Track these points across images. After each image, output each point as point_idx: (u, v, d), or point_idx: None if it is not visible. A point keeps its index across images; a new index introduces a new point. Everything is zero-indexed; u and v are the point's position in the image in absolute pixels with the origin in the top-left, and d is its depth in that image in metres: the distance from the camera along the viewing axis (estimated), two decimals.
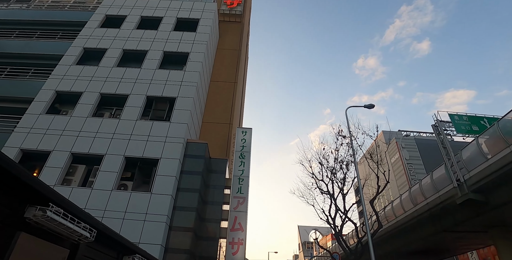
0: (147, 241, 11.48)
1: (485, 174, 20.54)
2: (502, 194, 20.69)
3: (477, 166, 21.67)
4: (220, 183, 15.02)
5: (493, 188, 20.66)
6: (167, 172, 13.08)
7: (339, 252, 22.93)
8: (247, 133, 16.61)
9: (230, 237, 13.69)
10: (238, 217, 14.17)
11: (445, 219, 24.21)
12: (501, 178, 19.49)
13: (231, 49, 21.59)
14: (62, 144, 13.77)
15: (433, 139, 65.89)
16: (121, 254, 5.03)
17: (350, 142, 13.93)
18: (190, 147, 14.37)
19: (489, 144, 22.17)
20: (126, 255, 5.11)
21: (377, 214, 14.17)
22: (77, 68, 16.54)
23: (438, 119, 24.75)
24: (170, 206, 12.52)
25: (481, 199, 21.83)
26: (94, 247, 4.02)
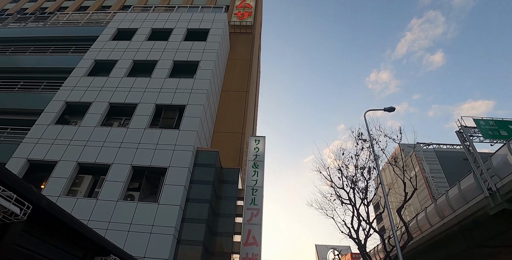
0: (153, 255, 10.43)
1: None
2: None
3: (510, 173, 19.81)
4: (232, 194, 13.94)
5: None
6: (175, 181, 12.16)
7: None
8: (260, 141, 15.62)
9: (244, 252, 12.43)
10: (252, 230, 12.95)
11: (478, 233, 22.04)
12: None
13: (242, 59, 21.04)
14: (69, 154, 13.16)
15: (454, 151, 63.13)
16: None
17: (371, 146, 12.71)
18: (200, 155, 13.48)
19: None
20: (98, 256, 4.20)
21: (406, 224, 12.69)
22: (87, 79, 16.21)
23: (462, 125, 23.10)
24: (179, 218, 11.50)
25: None
26: None
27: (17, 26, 21.10)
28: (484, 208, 20.64)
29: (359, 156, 13.71)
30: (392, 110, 14.85)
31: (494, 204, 19.93)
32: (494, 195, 20.08)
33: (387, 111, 14.80)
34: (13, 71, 17.89)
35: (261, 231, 12.98)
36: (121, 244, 10.61)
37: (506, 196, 19.80)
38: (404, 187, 12.43)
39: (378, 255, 23.15)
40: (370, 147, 12.77)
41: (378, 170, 12.06)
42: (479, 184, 21.16)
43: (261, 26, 32.67)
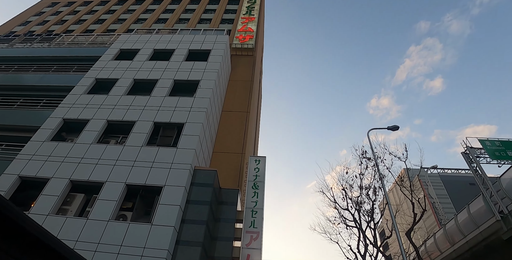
0: None
1: None
2: None
3: None
4: (231, 216, 13.15)
5: None
6: (170, 201, 11.49)
7: None
8: (261, 161, 15.03)
9: None
10: (251, 255, 12.04)
11: (491, 259, 20.68)
12: None
13: (243, 80, 20.95)
14: (62, 171, 12.63)
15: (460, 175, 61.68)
16: None
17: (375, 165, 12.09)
18: (197, 174, 12.88)
19: None
20: None
21: (416, 248, 11.77)
22: (86, 97, 16.00)
23: (468, 146, 22.44)
24: (172, 240, 10.71)
25: None
26: None
27: (22, 46, 21.33)
28: (496, 232, 19.50)
29: (363, 175, 13.06)
30: (396, 129, 14.37)
31: (507, 228, 18.83)
32: (506, 218, 19.03)
33: (391, 130, 14.30)
34: (14, 88, 17.77)
35: (261, 256, 12.06)
36: None
37: None
38: (412, 208, 11.66)
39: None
40: (375, 165, 12.16)
41: (384, 189, 11.36)
42: (490, 207, 20.15)
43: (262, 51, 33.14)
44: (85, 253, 10.08)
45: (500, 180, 20.55)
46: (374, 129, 14.71)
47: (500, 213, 19.46)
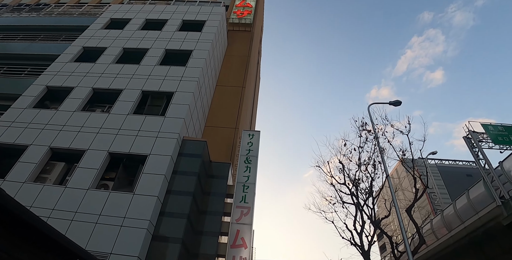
0: (121, 252, 8.78)
1: None
2: None
3: None
4: (221, 190, 12.34)
5: None
6: (155, 170, 10.64)
7: None
8: (255, 136, 14.16)
9: (230, 255, 10.70)
10: (240, 230, 11.27)
11: (489, 246, 20.05)
12: None
13: (239, 56, 19.91)
14: (42, 138, 11.75)
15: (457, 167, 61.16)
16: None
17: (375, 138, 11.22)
18: (186, 145, 12.01)
19: None
20: None
21: (417, 226, 11.01)
22: (72, 65, 15.00)
23: (470, 130, 21.54)
24: (156, 211, 9.90)
25: None
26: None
27: (10, 16, 20.19)
28: (496, 218, 18.82)
29: (362, 148, 12.19)
30: (398, 104, 13.45)
31: (507, 213, 18.13)
32: (507, 203, 18.31)
33: (392, 105, 13.38)
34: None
35: (252, 232, 11.30)
36: (85, 237, 9.01)
37: None
38: (414, 183, 10.83)
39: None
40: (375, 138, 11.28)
41: (384, 163, 10.51)
42: (490, 192, 19.41)
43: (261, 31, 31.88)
44: (60, 222, 9.30)
45: (502, 164, 19.79)
46: (374, 103, 13.81)
47: (501, 198, 18.74)
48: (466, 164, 70.62)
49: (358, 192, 11.87)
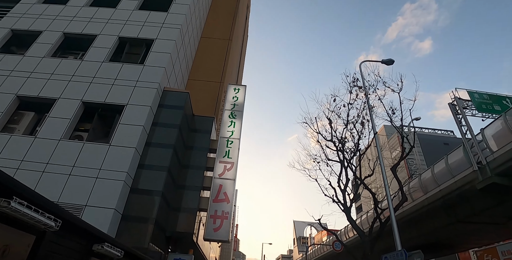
0: (96, 204, 8.29)
1: None
2: None
3: (505, 145, 18.43)
4: (203, 145, 11.82)
5: None
6: (133, 121, 9.91)
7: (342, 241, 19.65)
8: (240, 90, 13.42)
9: (212, 209, 10.45)
10: (223, 185, 10.94)
11: (461, 209, 20.85)
12: None
13: (227, 8, 18.44)
14: (8, 86, 10.67)
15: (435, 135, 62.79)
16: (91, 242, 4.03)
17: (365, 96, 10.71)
18: (167, 96, 11.21)
19: None
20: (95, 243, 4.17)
21: (401, 184, 10.98)
22: (40, 7, 13.42)
23: (456, 97, 21.39)
24: (134, 163, 9.34)
25: (507, 183, 18.52)
26: (62, 234, 3.32)
27: None
28: (471, 182, 19.34)
29: (352, 105, 11.73)
30: (390, 63, 12.85)
31: (482, 178, 18.57)
32: (483, 169, 18.72)
33: (385, 64, 12.77)
34: None
35: (234, 187, 11.01)
36: (58, 189, 8.43)
37: (496, 170, 18.48)
38: (401, 141, 10.59)
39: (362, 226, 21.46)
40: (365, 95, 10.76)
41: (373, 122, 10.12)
42: (469, 157, 19.77)
43: None
44: (31, 174, 8.64)
45: (484, 131, 20.03)
46: (367, 61, 13.15)
47: (478, 164, 19.17)
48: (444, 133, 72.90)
49: (344, 149, 11.61)
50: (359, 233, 10.75)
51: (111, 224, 8.19)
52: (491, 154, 18.72)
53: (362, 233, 10.91)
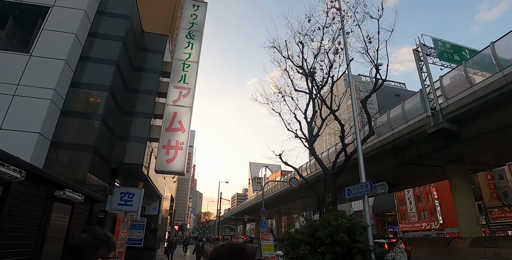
0: (14, 127, 6.46)
1: (466, 101, 17.52)
2: (478, 124, 18.02)
3: (459, 93, 18.74)
4: (155, 66, 9.90)
5: (471, 118, 17.87)
6: (62, 27, 7.64)
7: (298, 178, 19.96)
8: (200, 7, 11.20)
9: (165, 139, 9.06)
10: (178, 113, 9.44)
11: (409, 151, 21.86)
12: (483, 107, 16.59)
13: None
14: None
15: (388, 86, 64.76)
16: (53, 189, 4.04)
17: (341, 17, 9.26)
18: (109, 2, 8.81)
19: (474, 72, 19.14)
20: (58, 189, 4.12)
21: (369, 117, 10.35)
22: None
23: (421, 43, 20.89)
24: (64, 79, 7.38)
25: (455, 129, 19.35)
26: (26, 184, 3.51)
27: None
28: (423, 127, 19.93)
29: (328, 29, 10.29)
30: None
31: (434, 123, 19.18)
32: (436, 115, 19.19)
33: None
34: None
35: (190, 117, 9.57)
36: None
37: (448, 116, 19.07)
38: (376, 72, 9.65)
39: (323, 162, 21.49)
40: (341, 16, 9.32)
41: (346, 49, 8.87)
42: (424, 103, 20.07)
43: None
44: None
45: (442, 78, 20.16)
46: None
47: (432, 110, 19.57)
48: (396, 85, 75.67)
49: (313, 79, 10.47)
50: (322, 167, 10.25)
51: (36, 151, 6.53)
52: (445, 100, 19.06)
53: (325, 167, 10.43)
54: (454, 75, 20.04)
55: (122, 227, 7.43)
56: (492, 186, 37.59)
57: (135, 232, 11.46)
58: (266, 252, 14.37)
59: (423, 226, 41.98)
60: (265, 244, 14.51)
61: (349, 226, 6.95)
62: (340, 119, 10.74)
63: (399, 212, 46.74)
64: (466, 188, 21.90)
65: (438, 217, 40.26)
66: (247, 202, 67.87)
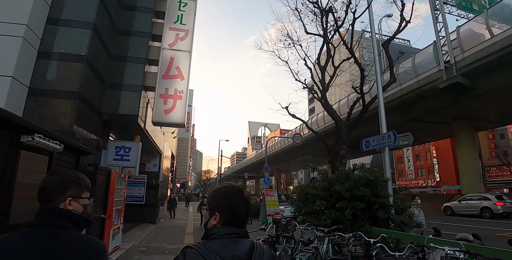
0: None
1: (484, 53, 16.02)
2: (493, 79, 16.79)
3: (477, 45, 17.28)
4: (146, 4, 8.45)
5: (486, 72, 16.49)
6: None
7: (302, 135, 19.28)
8: None
9: (162, 87, 7.99)
10: (175, 58, 8.25)
11: (416, 108, 20.87)
12: (502, 60, 15.25)
13: None
14: None
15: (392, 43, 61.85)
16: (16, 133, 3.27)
17: None
18: None
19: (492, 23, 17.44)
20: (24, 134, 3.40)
21: (392, 62, 9.25)
22: None
23: None
24: (38, 13, 6.11)
25: (468, 84, 18.24)
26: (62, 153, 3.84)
27: None
28: (434, 81, 18.73)
29: None
30: None
31: (447, 77, 18.01)
32: (449, 68, 17.88)
33: None
34: None
35: (190, 62, 8.39)
36: None
37: (463, 70, 17.76)
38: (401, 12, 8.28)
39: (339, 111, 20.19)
40: None
41: None
42: (437, 56, 18.69)
43: None
44: None
45: (460, 28, 18.54)
46: None
47: (446, 63, 18.26)
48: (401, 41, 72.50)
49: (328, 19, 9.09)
50: (336, 118, 9.34)
51: (10, 98, 5.50)
52: (461, 53, 17.66)
53: (339, 118, 9.53)
54: (470, 27, 18.41)
55: (118, 183, 6.69)
56: (492, 145, 37.47)
57: (136, 189, 10.95)
58: (271, 207, 14.12)
59: (420, 183, 42.69)
60: (270, 200, 14.21)
61: (371, 179, 6.23)
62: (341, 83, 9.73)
63: (396, 170, 47.29)
64: (471, 145, 21.37)
65: (435, 175, 40.71)
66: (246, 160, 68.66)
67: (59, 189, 1.16)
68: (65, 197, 1.15)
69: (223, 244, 1.06)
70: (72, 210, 1.15)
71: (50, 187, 1.16)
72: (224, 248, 1.04)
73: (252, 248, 1.08)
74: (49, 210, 1.12)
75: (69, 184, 1.18)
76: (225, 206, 1.13)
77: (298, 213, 7.02)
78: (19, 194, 3.10)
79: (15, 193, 3.05)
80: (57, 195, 1.15)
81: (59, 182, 1.18)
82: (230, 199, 1.14)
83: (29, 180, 3.29)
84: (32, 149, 3.36)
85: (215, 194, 1.20)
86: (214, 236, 1.08)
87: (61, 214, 1.12)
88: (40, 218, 1.10)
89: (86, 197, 1.22)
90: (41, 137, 3.28)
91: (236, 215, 1.13)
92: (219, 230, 1.10)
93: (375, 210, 6.06)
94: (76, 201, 1.17)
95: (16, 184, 3.08)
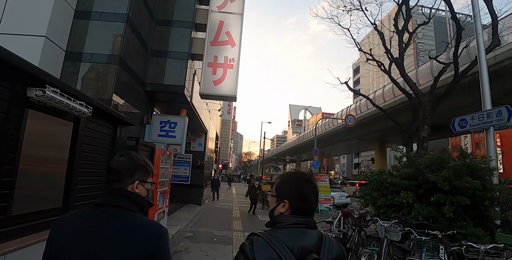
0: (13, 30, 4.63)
1: None
2: None
3: None
4: None
5: None
6: None
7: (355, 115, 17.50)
8: None
9: (211, 54, 6.90)
10: (225, 22, 7.07)
11: None
12: None
13: None
14: None
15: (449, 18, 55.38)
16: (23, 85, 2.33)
17: None
18: None
19: None
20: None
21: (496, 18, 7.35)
22: None
23: None
24: None
25: None
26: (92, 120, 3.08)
27: None
28: None
29: None
30: None
31: None
32: None
33: None
34: None
35: (241, 26, 7.18)
36: None
37: None
38: None
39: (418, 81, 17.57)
40: None
41: None
42: None
43: None
44: None
45: None
46: None
47: None
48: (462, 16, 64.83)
49: None
50: (415, 90, 7.72)
51: (43, 60, 4.73)
52: None
53: (418, 90, 7.88)
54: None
55: (164, 161, 5.84)
56: None
57: (181, 169, 10.23)
58: (322, 193, 12.88)
59: None
60: (321, 185, 12.95)
61: (479, 167, 4.71)
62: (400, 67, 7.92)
63: None
64: None
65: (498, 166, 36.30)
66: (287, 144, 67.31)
67: (129, 171, 1.14)
68: (133, 180, 1.14)
69: (291, 234, 0.98)
70: (138, 193, 1.14)
71: (121, 168, 1.14)
72: (292, 239, 0.97)
73: (321, 240, 0.99)
74: (117, 191, 1.11)
75: (138, 167, 1.16)
76: (295, 194, 1.05)
77: (371, 204, 5.70)
78: (24, 174, 2.15)
79: (19, 174, 2.10)
80: (126, 177, 1.14)
81: (130, 164, 1.15)
82: (301, 186, 1.06)
83: (41, 152, 2.33)
84: (46, 109, 2.39)
85: (284, 180, 1.11)
86: (281, 225, 1.01)
87: (129, 196, 1.11)
88: (108, 198, 1.09)
89: (150, 182, 1.21)
90: (56, 92, 2.29)
91: (306, 203, 1.05)
92: (288, 219, 1.02)
93: (484, 208, 4.56)
94: (142, 185, 1.17)
95: (22, 156, 2.13)
